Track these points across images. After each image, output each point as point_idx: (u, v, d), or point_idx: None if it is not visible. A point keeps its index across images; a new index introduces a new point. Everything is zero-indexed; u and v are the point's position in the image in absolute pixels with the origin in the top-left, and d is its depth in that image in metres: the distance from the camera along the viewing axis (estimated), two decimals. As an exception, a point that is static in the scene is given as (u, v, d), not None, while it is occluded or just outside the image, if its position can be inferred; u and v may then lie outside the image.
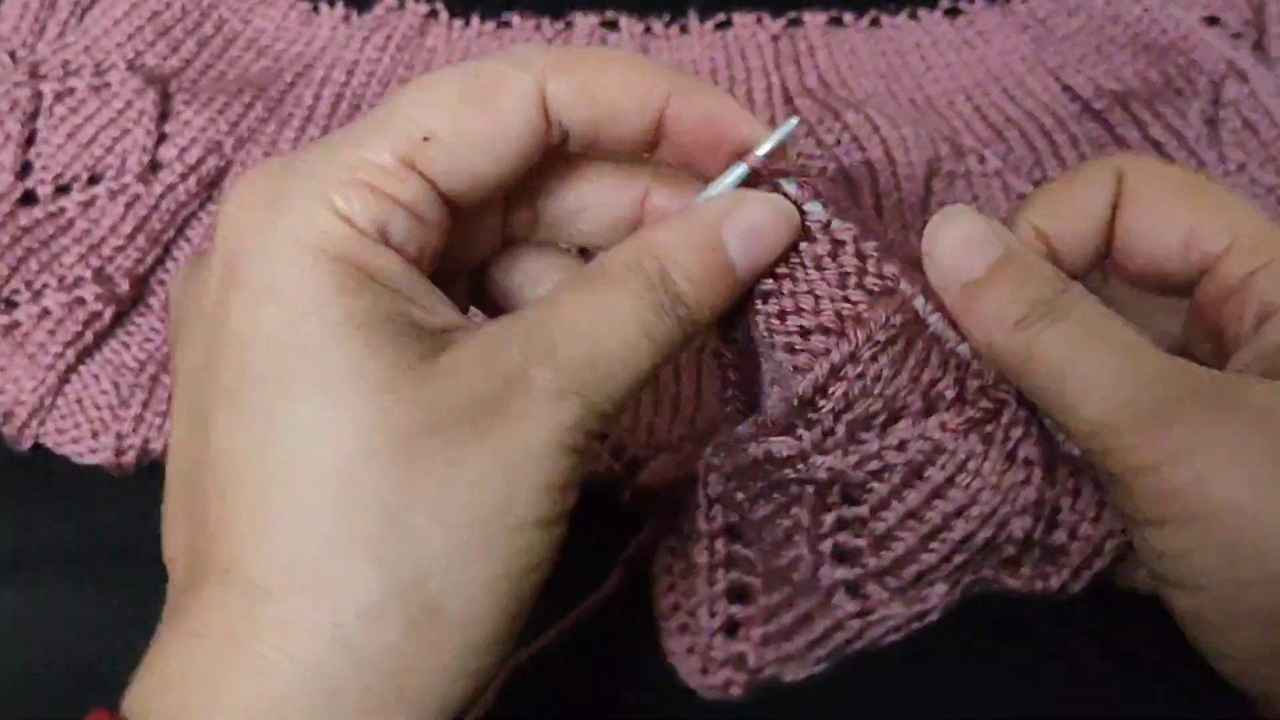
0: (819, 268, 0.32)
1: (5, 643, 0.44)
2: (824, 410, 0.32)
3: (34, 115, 0.53)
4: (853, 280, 0.31)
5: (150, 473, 0.47)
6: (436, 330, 0.29)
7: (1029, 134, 0.52)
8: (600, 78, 0.31)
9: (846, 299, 0.31)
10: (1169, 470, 0.27)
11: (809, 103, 0.54)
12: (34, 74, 0.54)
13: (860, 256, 0.32)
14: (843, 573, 0.34)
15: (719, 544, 0.35)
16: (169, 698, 0.28)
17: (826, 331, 0.31)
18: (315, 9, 0.58)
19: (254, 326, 0.28)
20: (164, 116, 0.53)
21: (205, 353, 0.29)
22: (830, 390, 0.32)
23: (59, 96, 0.53)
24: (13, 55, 0.55)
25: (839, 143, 0.52)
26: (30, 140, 0.52)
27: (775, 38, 0.56)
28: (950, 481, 0.32)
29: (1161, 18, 0.55)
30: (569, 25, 0.57)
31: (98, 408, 0.47)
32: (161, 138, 0.53)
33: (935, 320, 0.31)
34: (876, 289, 0.31)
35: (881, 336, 0.31)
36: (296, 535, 0.27)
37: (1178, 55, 0.54)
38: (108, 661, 0.43)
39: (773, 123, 0.53)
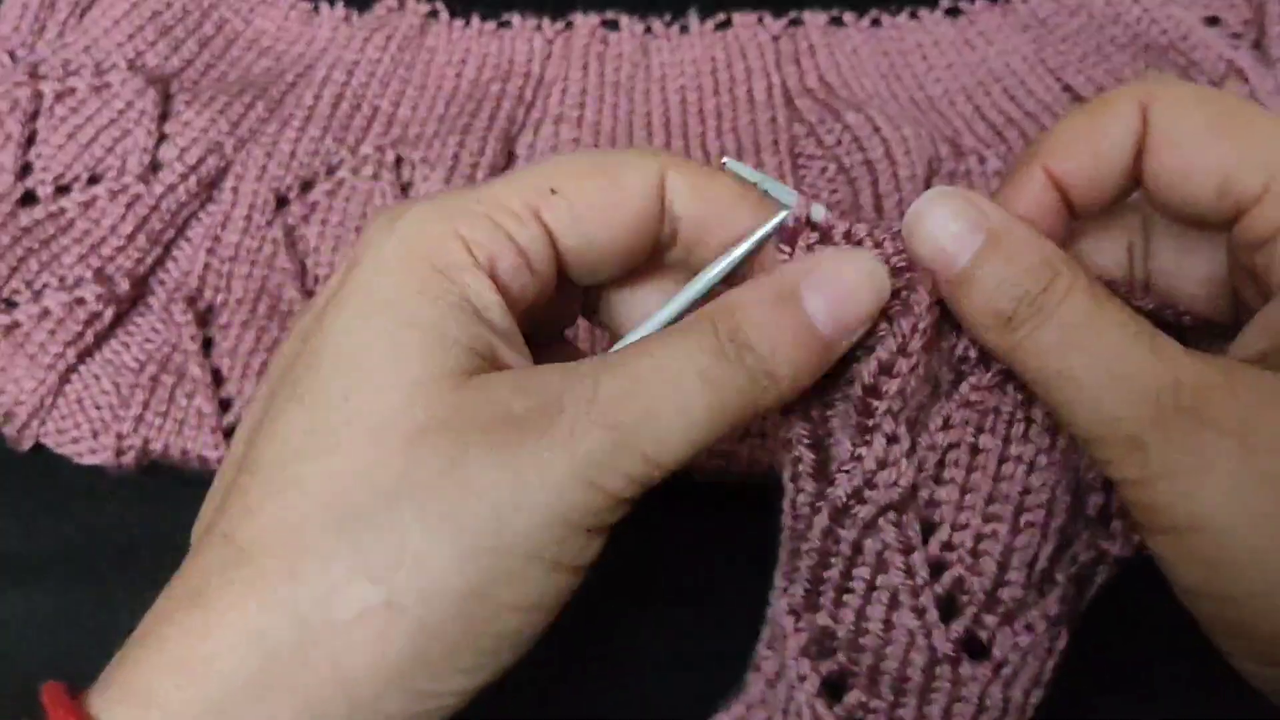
0: None
1: (6, 642, 0.44)
2: (880, 412, 0.30)
3: (34, 115, 0.53)
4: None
5: (151, 473, 0.47)
6: (501, 365, 0.29)
7: (1029, 134, 0.52)
8: (712, 182, 0.31)
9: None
10: (1153, 486, 0.27)
11: (809, 103, 0.54)
12: (34, 74, 0.54)
13: (877, 244, 0.31)
14: (955, 629, 0.32)
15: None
16: (130, 652, 0.28)
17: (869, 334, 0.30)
18: (316, 9, 0.58)
19: (338, 319, 0.29)
20: (164, 116, 0.53)
21: (299, 344, 0.30)
22: (883, 389, 0.30)
23: (59, 96, 0.53)
24: (13, 55, 0.55)
25: (839, 143, 0.52)
26: (30, 140, 0.52)
27: (776, 38, 0.56)
28: (1007, 440, 0.31)
29: (1161, 18, 0.55)
30: (569, 25, 0.57)
31: (98, 408, 0.47)
32: (162, 138, 0.53)
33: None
34: (903, 269, 0.30)
35: (925, 322, 0.30)
36: (288, 507, 0.27)
37: (1178, 55, 0.54)
38: (109, 661, 0.44)
39: (774, 121, 0.54)
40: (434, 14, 0.57)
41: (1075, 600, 0.32)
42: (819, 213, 0.31)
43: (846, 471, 0.31)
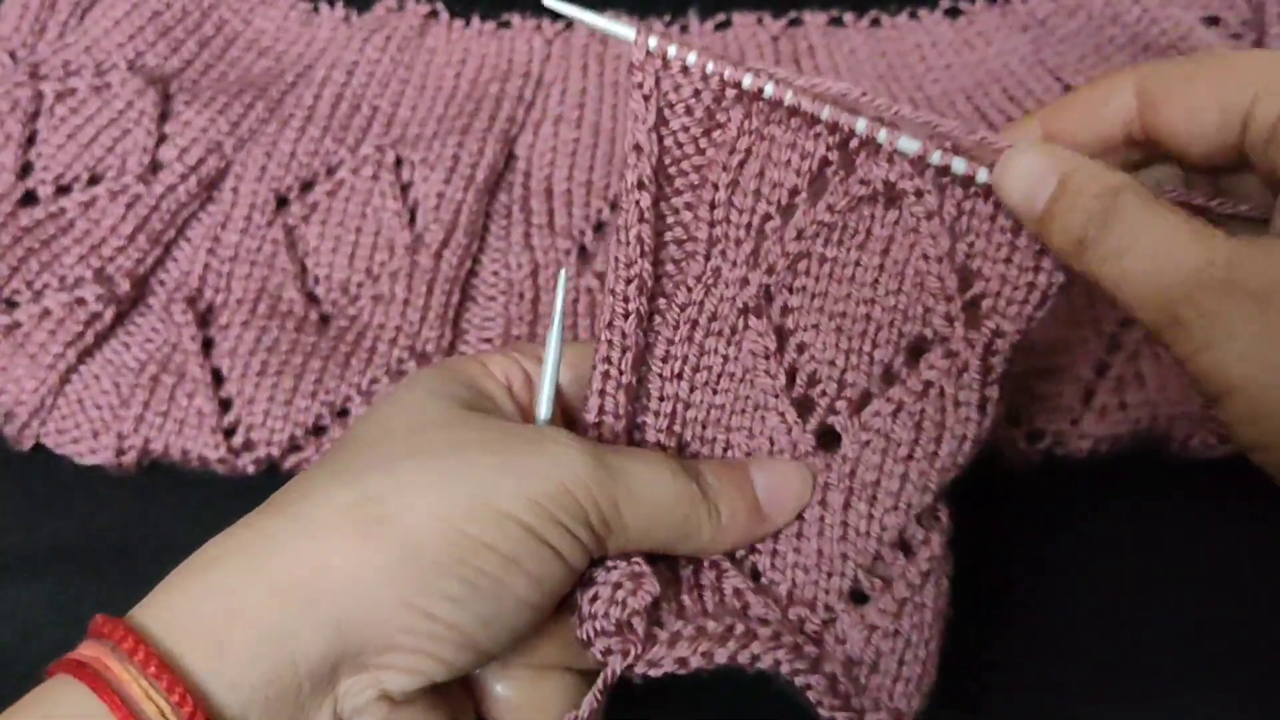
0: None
1: (8, 641, 0.44)
2: (715, 219, 0.38)
3: (35, 115, 0.53)
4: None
5: (151, 472, 0.47)
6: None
7: (1029, 134, 0.52)
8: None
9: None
10: (1197, 358, 0.31)
11: (809, 103, 0.54)
12: (35, 74, 0.54)
13: (705, 75, 0.37)
14: (811, 423, 0.38)
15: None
16: (202, 575, 0.33)
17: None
18: (315, 9, 0.58)
19: (395, 393, 0.37)
20: (164, 117, 0.53)
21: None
22: (714, 200, 0.37)
23: (60, 97, 0.53)
24: (13, 55, 0.55)
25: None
26: (31, 140, 0.53)
27: (775, 38, 0.56)
28: (849, 250, 0.37)
29: (1161, 18, 0.55)
30: (569, 26, 0.57)
31: (98, 408, 0.47)
32: (162, 138, 0.53)
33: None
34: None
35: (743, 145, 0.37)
36: (342, 458, 0.35)
37: (1177, 55, 0.54)
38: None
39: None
40: (434, 14, 0.57)
41: (929, 402, 0.37)
42: (653, 44, 0.37)
43: (703, 280, 0.38)
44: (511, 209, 0.52)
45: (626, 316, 0.37)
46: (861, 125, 0.36)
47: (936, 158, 0.36)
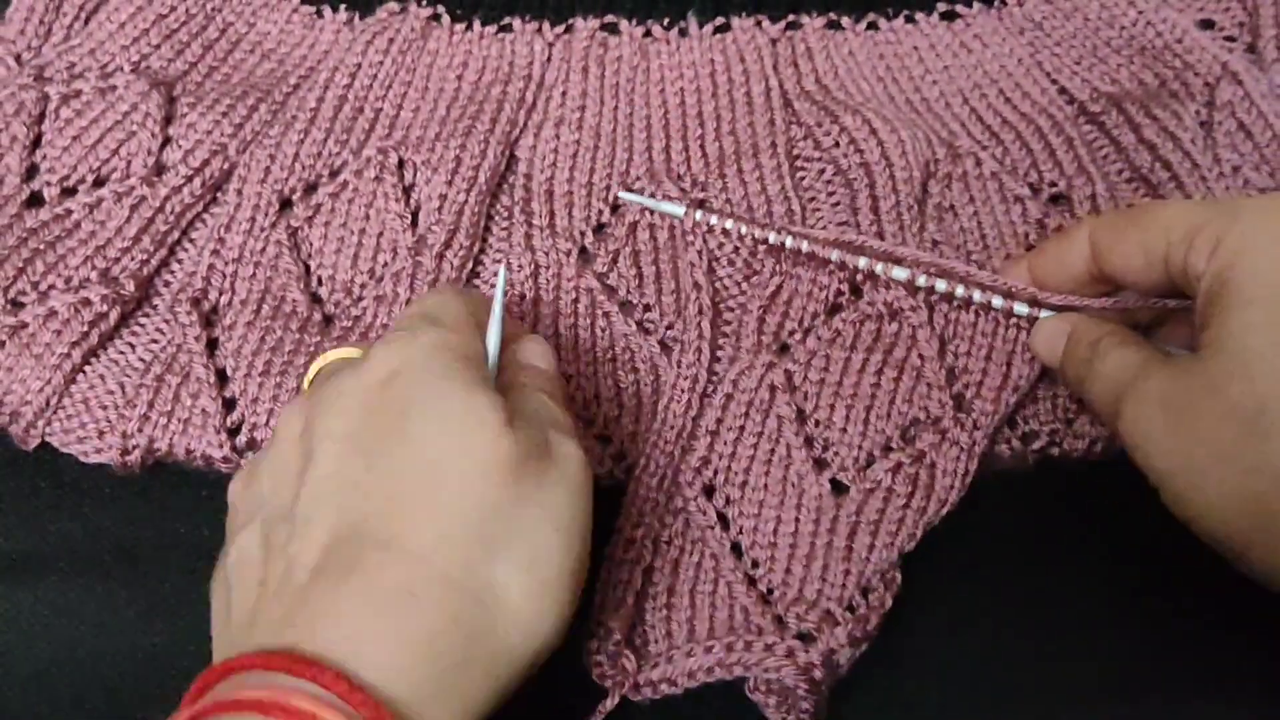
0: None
1: (11, 640, 0.45)
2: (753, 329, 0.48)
3: (40, 118, 0.53)
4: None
5: (155, 472, 0.47)
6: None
7: (1025, 136, 0.53)
8: None
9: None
10: (1134, 455, 0.39)
11: (807, 105, 0.54)
12: (40, 77, 0.54)
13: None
14: (824, 477, 0.44)
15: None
16: (333, 628, 0.34)
17: None
18: (319, 13, 0.58)
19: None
20: (169, 119, 0.53)
21: None
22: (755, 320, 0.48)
23: (65, 99, 0.54)
24: (19, 59, 0.55)
25: (837, 145, 0.53)
26: (36, 143, 0.53)
27: (774, 41, 0.56)
28: (860, 350, 0.47)
29: (1156, 21, 0.55)
30: (570, 29, 0.57)
31: (103, 407, 0.48)
32: (166, 140, 0.53)
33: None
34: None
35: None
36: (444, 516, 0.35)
37: (1172, 58, 0.55)
38: (113, 658, 0.44)
39: (772, 124, 0.54)
40: (436, 18, 0.57)
41: (922, 467, 0.44)
42: (698, 216, 0.50)
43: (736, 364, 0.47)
44: (513, 210, 0.53)
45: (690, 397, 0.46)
46: (863, 263, 0.47)
47: (922, 280, 0.46)
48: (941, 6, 0.57)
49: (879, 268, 0.47)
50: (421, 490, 0.35)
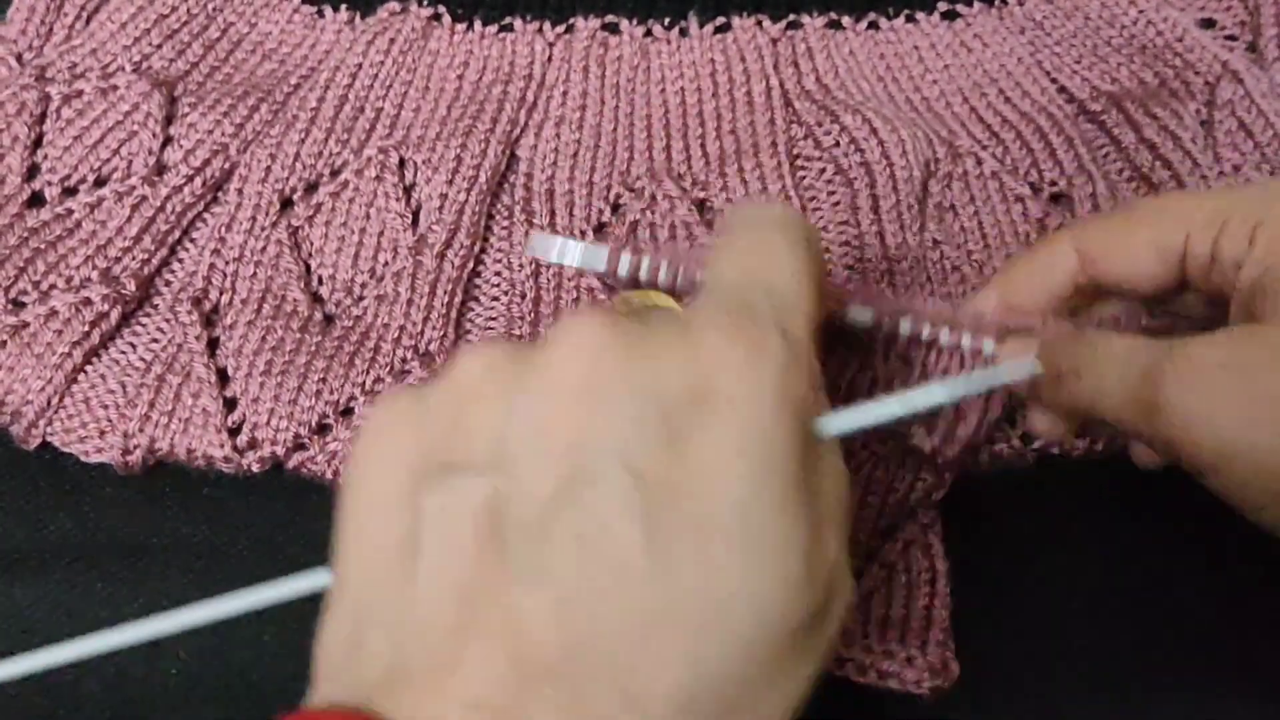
0: None
1: (12, 640, 0.45)
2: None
3: (41, 118, 0.53)
4: None
5: (156, 470, 0.47)
6: None
7: (1025, 136, 0.53)
8: None
9: None
10: (1184, 436, 0.33)
11: (807, 105, 0.54)
12: (41, 77, 0.54)
13: None
14: None
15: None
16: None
17: None
18: (319, 13, 0.58)
19: None
20: (170, 119, 0.54)
21: None
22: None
23: (66, 99, 0.54)
24: (20, 58, 0.56)
25: (837, 145, 0.53)
26: (38, 143, 0.53)
27: (774, 40, 0.56)
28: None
29: (1157, 20, 0.55)
30: (570, 29, 0.57)
31: (104, 407, 0.48)
32: (167, 140, 0.53)
33: None
34: None
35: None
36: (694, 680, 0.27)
37: (1173, 57, 0.55)
38: (114, 660, 0.44)
39: (772, 124, 0.54)
40: (437, 18, 0.58)
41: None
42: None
43: None
44: (514, 210, 0.53)
45: None
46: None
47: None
48: (942, 6, 0.57)
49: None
50: (687, 627, 0.25)
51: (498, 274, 0.51)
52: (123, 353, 0.49)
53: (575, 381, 0.27)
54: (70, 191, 0.52)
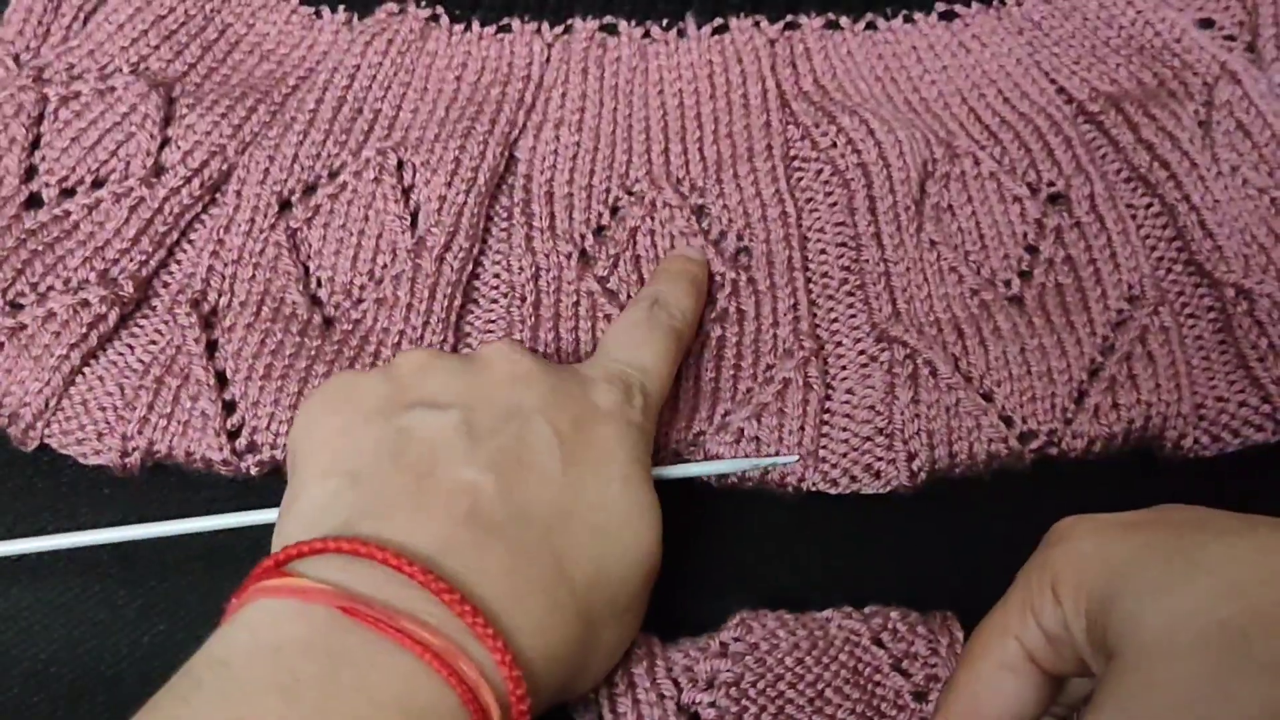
0: None
1: (11, 641, 0.45)
2: None
3: (39, 119, 0.53)
4: None
5: (154, 474, 0.47)
6: None
7: (1023, 136, 0.53)
8: None
9: None
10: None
11: (805, 106, 0.54)
12: (39, 78, 0.54)
13: None
14: None
15: None
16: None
17: None
18: (317, 14, 0.58)
19: None
20: (168, 120, 0.54)
21: None
22: None
23: (64, 100, 0.54)
24: (17, 59, 0.55)
25: (834, 146, 0.53)
26: (35, 144, 0.53)
27: (772, 42, 0.56)
28: None
29: (1155, 20, 0.55)
30: (569, 30, 0.57)
31: (102, 409, 0.47)
32: (165, 141, 0.53)
33: None
34: None
35: None
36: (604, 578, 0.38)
37: (1171, 58, 0.55)
38: (113, 659, 0.44)
39: (769, 125, 0.54)
40: (434, 19, 0.58)
41: None
42: None
43: None
44: (513, 212, 0.53)
45: None
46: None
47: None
48: (940, 6, 0.57)
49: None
50: (593, 548, 0.36)
51: (497, 276, 0.51)
52: (121, 355, 0.49)
53: (508, 369, 0.39)
54: (68, 193, 0.52)
